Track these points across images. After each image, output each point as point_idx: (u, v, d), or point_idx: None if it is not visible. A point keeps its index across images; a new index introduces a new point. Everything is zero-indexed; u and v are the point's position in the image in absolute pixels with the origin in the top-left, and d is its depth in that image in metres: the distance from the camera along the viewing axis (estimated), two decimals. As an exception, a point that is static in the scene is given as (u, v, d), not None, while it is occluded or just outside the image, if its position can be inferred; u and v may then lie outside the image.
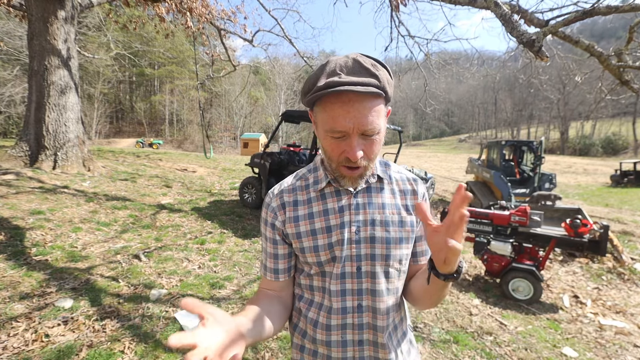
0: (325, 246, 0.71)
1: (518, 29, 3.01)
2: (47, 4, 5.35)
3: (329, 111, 0.62)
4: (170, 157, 11.26)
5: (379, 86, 0.60)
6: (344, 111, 0.59)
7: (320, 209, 0.73)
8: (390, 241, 0.72)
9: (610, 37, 46.74)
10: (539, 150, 7.71)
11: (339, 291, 0.71)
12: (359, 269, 0.71)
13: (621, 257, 4.40)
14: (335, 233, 0.71)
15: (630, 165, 15.74)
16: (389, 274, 0.73)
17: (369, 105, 0.61)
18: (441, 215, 4.24)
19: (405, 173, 0.82)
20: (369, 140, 0.64)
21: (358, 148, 0.62)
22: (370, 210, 0.73)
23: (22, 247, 2.96)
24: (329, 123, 0.62)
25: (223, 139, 40.34)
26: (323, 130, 0.64)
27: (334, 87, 0.58)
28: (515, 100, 58.06)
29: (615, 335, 2.86)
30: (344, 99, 0.60)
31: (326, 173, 0.74)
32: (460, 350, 2.36)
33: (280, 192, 0.76)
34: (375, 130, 0.62)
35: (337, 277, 0.71)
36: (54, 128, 5.49)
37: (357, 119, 0.60)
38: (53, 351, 1.80)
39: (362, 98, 0.60)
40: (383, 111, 0.65)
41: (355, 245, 0.71)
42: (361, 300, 0.72)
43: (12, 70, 18.51)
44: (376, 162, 0.76)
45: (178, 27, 8.22)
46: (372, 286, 0.71)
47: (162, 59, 39.69)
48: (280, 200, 0.75)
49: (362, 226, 0.72)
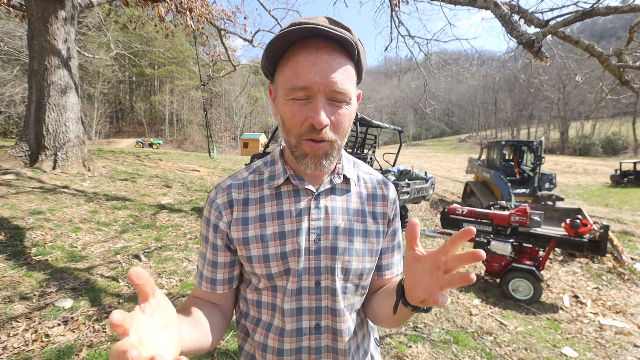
0: (278, 256, 0.60)
1: (518, 29, 3.01)
2: (47, 4, 5.35)
3: (291, 65, 0.51)
4: (170, 157, 11.26)
5: (351, 38, 0.51)
6: (310, 62, 0.50)
7: (273, 211, 0.62)
8: (352, 253, 0.63)
9: (610, 37, 46.70)
10: (539, 150, 7.71)
11: (293, 310, 0.61)
12: (317, 283, 0.61)
13: (621, 257, 4.40)
14: (290, 241, 0.60)
15: (630, 165, 15.75)
16: (346, 289, 0.64)
17: (340, 61, 0.52)
18: (441, 215, 4.24)
19: (375, 175, 0.73)
20: (338, 107, 0.53)
21: (324, 113, 0.51)
22: (334, 215, 0.62)
23: (22, 247, 2.96)
24: (291, 80, 0.51)
25: (223, 139, 40.35)
26: (283, 93, 0.53)
27: (299, 25, 0.49)
28: (515, 100, 58.08)
29: (615, 335, 2.86)
30: (310, 49, 0.50)
31: (285, 167, 0.63)
32: (460, 350, 2.36)
33: (229, 187, 0.64)
34: (345, 95, 0.53)
35: (292, 294, 0.61)
36: (54, 128, 5.49)
37: (325, 73, 0.50)
38: (53, 351, 1.80)
39: (333, 50, 0.51)
40: (354, 78, 0.55)
41: (314, 257, 0.61)
42: (319, 319, 0.62)
43: (12, 71, 18.52)
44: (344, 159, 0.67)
45: (178, 27, 8.22)
46: (333, 304, 0.62)
47: (162, 59, 39.69)
48: (228, 197, 0.62)
49: (322, 234, 0.61)
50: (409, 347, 2.34)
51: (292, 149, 0.57)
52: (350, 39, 0.51)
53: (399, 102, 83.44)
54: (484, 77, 15.23)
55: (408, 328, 2.61)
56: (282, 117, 0.56)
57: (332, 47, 0.51)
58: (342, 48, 0.53)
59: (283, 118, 0.55)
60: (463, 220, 4.01)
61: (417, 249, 0.48)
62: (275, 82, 0.57)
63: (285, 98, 0.53)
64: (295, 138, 0.55)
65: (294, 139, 0.55)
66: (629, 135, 37.65)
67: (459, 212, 4.07)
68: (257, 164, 0.68)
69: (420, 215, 7.14)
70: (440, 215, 4.31)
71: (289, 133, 0.55)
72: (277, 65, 0.55)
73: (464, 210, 4.03)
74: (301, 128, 0.53)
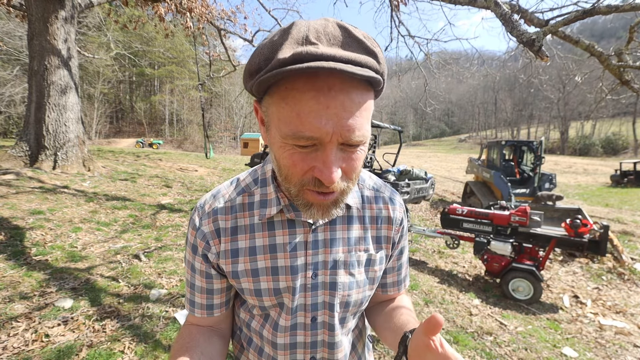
0: (270, 291, 0.55)
1: (518, 28, 3.00)
2: (47, 4, 5.35)
3: (293, 104, 0.38)
4: (170, 157, 11.26)
5: (378, 70, 0.40)
6: (322, 106, 0.37)
7: (265, 243, 0.55)
8: (353, 286, 0.58)
9: (610, 37, 46.65)
10: (539, 150, 7.71)
11: (287, 344, 0.58)
12: (314, 319, 0.57)
13: (621, 257, 4.40)
14: (284, 278, 0.55)
15: (630, 165, 15.75)
16: (345, 320, 0.60)
17: (358, 100, 0.39)
18: (441, 215, 4.24)
19: (382, 191, 0.63)
20: (351, 153, 0.43)
21: (336, 165, 0.41)
22: (333, 248, 0.56)
23: (22, 247, 2.96)
24: (293, 124, 0.39)
25: (223, 139, 40.36)
26: (280, 134, 0.41)
27: (308, 61, 0.35)
28: (515, 100, 58.10)
29: (615, 335, 2.86)
30: (321, 84, 0.37)
31: (278, 195, 0.54)
32: (460, 350, 2.35)
33: (214, 212, 0.55)
34: (363, 139, 0.42)
35: (286, 330, 0.57)
36: (54, 128, 5.49)
37: (341, 120, 0.38)
38: (53, 351, 1.80)
39: (351, 87, 0.39)
40: (372, 111, 0.44)
41: (311, 293, 0.56)
42: (315, 353, 0.59)
43: (12, 71, 18.52)
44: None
45: (178, 27, 8.22)
46: (330, 338, 0.58)
47: (162, 59, 39.69)
48: (214, 225, 0.55)
49: (321, 269, 0.56)
50: (409, 347, 2.34)
51: (293, 197, 0.47)
52: (375, 70, 0.39)
53: (399, 102, 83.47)
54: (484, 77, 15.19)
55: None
56: (278, 161, 0.45)
57: (349, 82, 0.39)
58: (364, 80, 0.40)
59: (279, 162, 0.44)
60: (463, 220, 4.01)
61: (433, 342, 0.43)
62: (266, 109, 0.44)
63: (282, 141, 0.41)
64: (295, 188, 0.45)
65: (295, 189, 0.45)
66: (629, 135, 37.66)
67: (459, 212, 4.07)
68: (247, 182, 0.58)
69: (420, 215, 7.14)
70: (440, 215, 4.31)
71: (287, 181, 0.45)
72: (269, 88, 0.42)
73: (464, 210, 4.03)
74: (303, 178, 0.43)
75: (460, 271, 4.17)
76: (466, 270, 4.22)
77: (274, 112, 0.42)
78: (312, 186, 0.43)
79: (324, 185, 0.43)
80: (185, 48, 37.04)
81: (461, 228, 4.05)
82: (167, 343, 2.00)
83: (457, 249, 4.46)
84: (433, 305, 3.06)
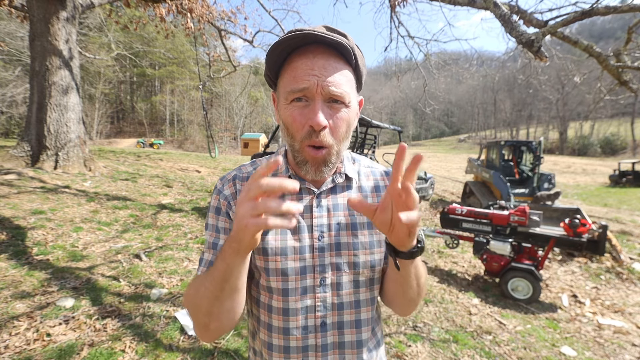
0: (277, 250, 0.60)
1: (517, 29, 3.02)
2: (49, 4, 5.37)
3: (291, 71, 0.55)
4: (171, 157, 11.27)
5: (349, 44, 0.54)
6: (307, 66, 0.53)
7: None
8: (358, 247, 0.63)
9: (609, 38, 46.71)
10: (538, 150, 7.73)
11: (298, 309, 0.60)
12: (323, 281, 0.61)
13: (619, 256, 4.41)
14: (291, 237, 0.61)
15: (629, 165, 15.77)
16: (358, 283, 0.63)
17: (335, 65, 0.55)
18: (440, 215, 4.25)
19: (377, 167, 0.73)
20: (336, 110, 0.55)
21: (322, 113, 0.53)
22: (335, 212, 0.63)
23: (23, 246, 2.97)
24: (290, 84, 0.54)
25: (223, 139, 40.37)
26: (284, 98, 0.56)
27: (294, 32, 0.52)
28: (514, 101, 58.12)
29: (613, 334, 2.87)
30: (307, 54, 0.54)
31: (287, 167, 0.65)
32: (459, 350, 2.37)
33: (234, 179, 0.65)
34: (343, 96, 0.54)
35: (296, 293, 0.60)
36: (55, 128, 5.50)
37: (322, 75, 0.53)
38: (54, 350, 1.81)
39: (329, 55, 0.54)
40: (353, 82, 0.58)
41: (318, 254, 0.61)
42: (325, 317, 0.61)
43: (14, 71, 18.55)
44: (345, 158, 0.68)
45: (178, 27, 8.24)
46: (338, 299, 0.62)
47: (163, 60, 39.71)
48: (235, 188, 0.64)
49: (326, 231, 0.62)
50: (409, 346, 2.35)
51: (295, 153, 0.59)
52: (346, 44, 0.53)
53: (398, 103, 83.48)
54: (483, 78, 15.19)
55: (408, 327, 2.62)
56: (285, 122, 0.58)
57: (328, 53, 0.55)
58: (339, 53, 0.56)
59: (285, 122, 0.57)
60: (462, 220, 4.02)
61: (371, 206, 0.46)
62: (278, 90, 0.60)
63: (286, 102, 0.56)
64: (298, 143, 0.57)
65: (297, 144, 0.57)
66: (628, 136, 37.68)
67: (458, 212, 4.08)
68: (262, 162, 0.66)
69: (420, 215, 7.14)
70: (439, 215, 4.32)
71: (292, 138, 0.57)
72: (278, 73, 0.59)
73: (464, 210, 4.04)
74: (302, 131, 0.55)
75: (459, 271, 4.19)
76: (465, 269, 4.24)
77: (282, 85, 0.57)
78: (308, 138, 0.55)
79: (315, 134, 0.54)
80: (186, 49, 37.06)
81: (460, 228, 4.06)
82: (167, 342, 2.02)
83: (456, 249, 4.47)
84: (432, 305, 3.07)
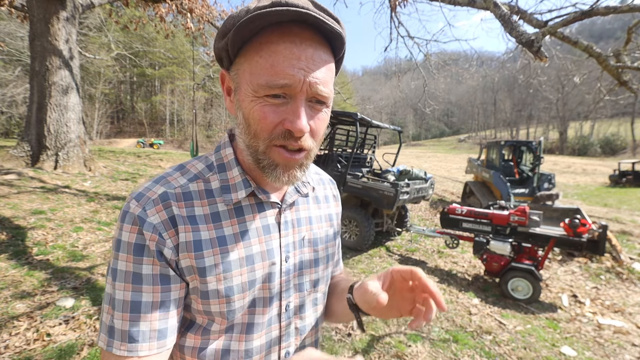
0: (244, 285, 0.48)
1: (517, 29, 3.02)
2: (49, 4, 5.37)
3: (267, 56, 0.40)
4: (171, 157, 11.27)
5: (343, 34, 0.43)
6: (293, 55, 0.40)
7: (235, 231, 0.48)
8: (318, 263, 0.58)
9: (608, 38, 46.75)
10: (538, 150, 7.73)
11: (263, 345, 0.51)
12: (287, 307, 0.54)
13: (619, 256, 4.41)
14: (260, 266, 0.50)
15: (629, 165, 15.78)
16: (317, 300, 0.59)
17: (325, 58, 0.43)
18: (440, 215, 4.25)
19: (323, 174, 0.67)
20: (317, 111, 0.45)
21: (305, 117, 0.42)
22: (299, 227, 0.56)
23: (23, 246, 2.97)
24: (267, 74, 0.40)
25: (223, 140, 40.38)
26: (252, 88, 0.42)
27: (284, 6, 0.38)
28: (514, 101, 58.15)
29: (613, 334, 2.87)
30: (293, 37, 0.40)
31: (246, 177, 0.50)
32: (459, 350, 2.37)
33: (163, 198, 0.46)
34: (328, 97, 0.44)
35: (262, 327, 0.51)
36: (55, 128, 5.50)
37: (310, 69, 0.41)
38: (54, 350, 1.82)
39: (319, 44, 0.42)
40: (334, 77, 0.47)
41: (284, 278, 0.53)
42: (288, 346, 0.54)
43: (14, 71, 18.55)
44: None
45: (178, 27, 8.24)
46: (301, 323, 0.56)
47: (163, 60, 39.69)
48: (167, 213, 0.45)
49: (291, 250, 0.54)
50: (409, 346, 2.35)
51: (259, 156, 0.45)
52: (342, 35, 0.43)
53: (398, 103, 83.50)
54: (483, 78, 15.21)
55: (407, 327, 2.62)
56: (247, 118, 0.44)
57: (318, 40, 0.42)
58: (329, 42, 0.44)
59: (248, 118, 0.44)
60: (462, 220, 4.02)
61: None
62: (237, 72, 0.45)
63: (254, 95, 0.42)
64: (264, 143, 0.44)
65: (263, 145, 0.44)
66: (627, 136, 37.69)
67: (458, 212, 4.08)
68: (197, 168, 0.51)
69: (419, 215, 7.15)
70: (439, 215, 4.33)
71: (255, 137, 0.44)
72: (240, 49, 0.43)
73: (464, 210, 4.05)
74: (273, 132, 0.43)
75: (459, 271, 4.19)
76: (465, 269, 4.24)
77: (246, 69, 0.43)
78: (281, 139, 0.43)
79: (292, 138, 0.43)
80: (186, 49, 37.03)
81: (460, 228, 4.06)
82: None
83: (456, 249, 4.47)
84: (432, 305, 3.07)
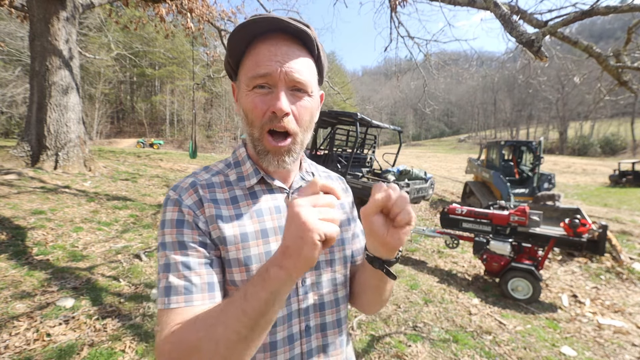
0: (261, 256, 0.55)
1: (517, 29, 3.02)
2: (49, 4, 5.37)
3: (253, 58, 0.53)
4: (171, 157, 11.27)
5: (311, 34, 0.53)
6: (270, 52, 0.52)
7: (251, 210, 0.57)
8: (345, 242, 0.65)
9: (608, 38, 46.75)
10: (538, 150, 7.73)
11: (285, 316, 0.56)
12: (303, 281, 0.58)
13: (619, 256, 4.41)
14: (274, 239, 0.57)
15: (629, 165, 15.77)
16: (335, 281, 0.63)
17: (298, 53, 0.54)
18: (440, 215, 4.25)
19: (331, 173, 0.76)
20: (299, 98, 0.54)
21: (285, 99, 0.52)
22: None
23: (23, 246, 2.97)
24: (252, 69, 0.53)
25: (223, 139, 40.37)
26: (245, 84, 0.54)
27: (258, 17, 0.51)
28: (514, 101, 58.15)
29: (613, 334, 2.87)
30: (270, 41, 0.53)
31: (256, 168, 0.61)
32: (459, 350, 2.37)
33: (193, 185, 0.57)
34: (306, 84, 0.54)
35: None
36: (55, 128, 5.50)
37: (285, 61, 0.52)
38: (54, 350, 1.81)
39: (292, 43, 0.54)
40: (315, 72, 0.57)
41: None
42: (308, 320, 0.59)
43: (14, 71, 18.54)
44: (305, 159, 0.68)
45: (178, 27, 8.24)
46: (320, 299, 0.60)
47: (163, 60, 39.69)
48: (196, 196, 0.55)
49: None
50: (409, 346, 2.35)
51: (255, 142, 0.56)
52: (308, 33, 0.53)
53: (398, 103, 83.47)
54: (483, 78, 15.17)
55: (408, 327, 2.62)
56: (245, 109, 0.55)
57: (291, 41, 0.54)
58: (302, 43, 0.55)
59: (245, 110, 0.55)
60: (462, 220, 4.02)
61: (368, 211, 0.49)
62: (238, 78, 0.58)
63: (247, 89, 0.54)
64: (258, 130, 0.55)
65: (257, 131, 0.55)
66: (627, 136, 37.67)
67: (458, 212, 4.08)
68: (218, 167, 0.63)
69: (419, 215, 7.15)
70: (439, 215, 4.32)
71: (252, 125, 0.55)
72: (239, 62, 0.57)
73: (464, 210, 4.05)
74: (263, 118, 0.53)
75: (459, 271, 4.19)
76: (465, 269, 4.24)
77: (243, 72, 0.55)
78: (269, 124, 0.53)
79: (277, 119, 0.53)
80: (186, 49, 37.03)
81: (460, 228, 4.06)
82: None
83: (456, 249, 4.47)
84: (432, 305, 3.07)
